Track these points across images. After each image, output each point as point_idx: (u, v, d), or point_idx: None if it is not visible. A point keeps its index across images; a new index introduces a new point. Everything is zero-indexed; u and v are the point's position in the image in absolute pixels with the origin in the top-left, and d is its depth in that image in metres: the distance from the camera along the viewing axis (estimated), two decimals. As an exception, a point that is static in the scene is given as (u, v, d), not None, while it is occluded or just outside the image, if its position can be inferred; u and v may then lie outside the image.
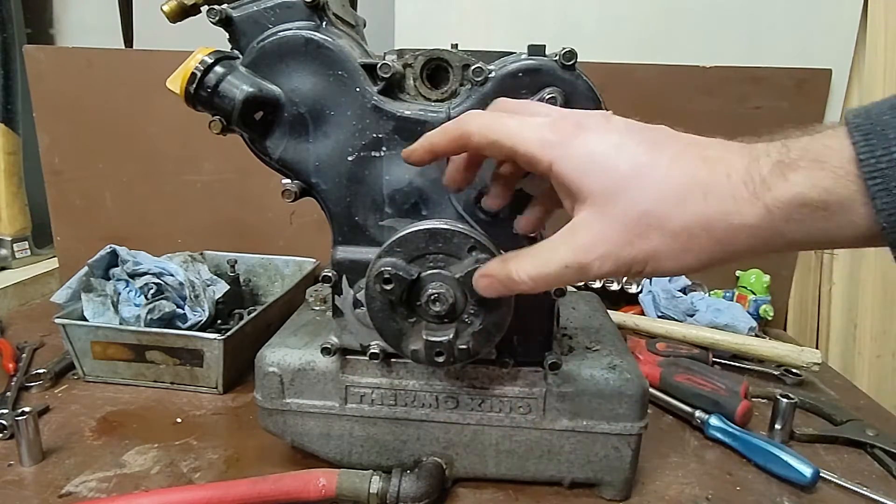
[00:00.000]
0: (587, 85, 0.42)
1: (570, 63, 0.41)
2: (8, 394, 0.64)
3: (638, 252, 0.30)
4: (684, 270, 0.31)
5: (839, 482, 0.54)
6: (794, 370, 0.75)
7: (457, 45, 0.48)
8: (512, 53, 0.46)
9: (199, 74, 0.43)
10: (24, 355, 0.74)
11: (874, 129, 0.24)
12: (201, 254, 0.88)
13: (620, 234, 0.30)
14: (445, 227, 0.43)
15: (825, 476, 0.54)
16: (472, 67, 0.44)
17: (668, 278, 0.92)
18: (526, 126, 0.33)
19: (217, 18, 0.44)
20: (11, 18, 1.07)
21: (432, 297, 0.43)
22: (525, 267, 0.34)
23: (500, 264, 0.37)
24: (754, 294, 0.91)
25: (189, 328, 0.71)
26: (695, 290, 0.93)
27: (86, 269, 0.74)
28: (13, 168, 1.06)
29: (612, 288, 0.97)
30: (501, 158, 0.36)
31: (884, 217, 0.24)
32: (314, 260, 0.93)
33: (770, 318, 0.90)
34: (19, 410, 0.54)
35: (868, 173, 0.24)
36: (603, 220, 0.31)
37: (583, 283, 0.95)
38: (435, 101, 0.47)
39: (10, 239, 1.06)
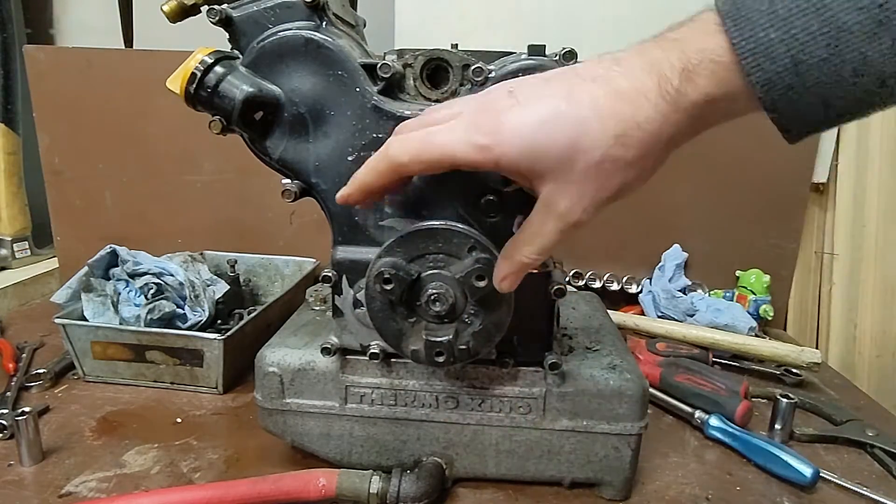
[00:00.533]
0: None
1: (570, 63, 0.41)
2: (8, 394, 0.64)
3: (611, 190, 0.34)
4: (647, 180, 0.35)
5: (839, 482, 0.54)
6: (794, 370, 0.75)
7: (457, 45, 0.48)
8: (512, 53, 0.46)
9: (199, 74, 0.43)
10: (24, 355, 0.74)
11: (740, 15, 0.28)
12: (201, 254, 0.88)
13: (591, 186, 0.33)
14: (445, 227, 0.43)
15: (825, 476, 0.54)
16: (472, 67, 0.44)
17: (668, 278, 0.92)
18: (453, 136, 0.34)
19: (217, 18, 0.44)
20: (11, 18, 1.07)
21: (432, 297, 0.43)
22: (528, 251, 0.37)
23: (508, 262, 0.38)
24: (754, 294, 0.91)
25: (189, 328, 0.71)
26: (695, 290, 0.93)
27: (86, 269, 0.74)
28: (13, 168, 1.06)
29: (612, 288, 0.97)
30: (440, 171, 0.37)
31: (762, 92, 0.28)
32: (314, 260, 0.93)
33: (770, 318, 0.90)
34: (19, 410, 0.54)
35: (741, 55, 0.28)
36: (569, 184, 0.33)
37: (583, 283, 0.96)
38: (435, 101, 0.47)
39: (10, 239, 1.06)
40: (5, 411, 0.60)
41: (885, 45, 0.26)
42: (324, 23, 0.45)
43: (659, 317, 0.89)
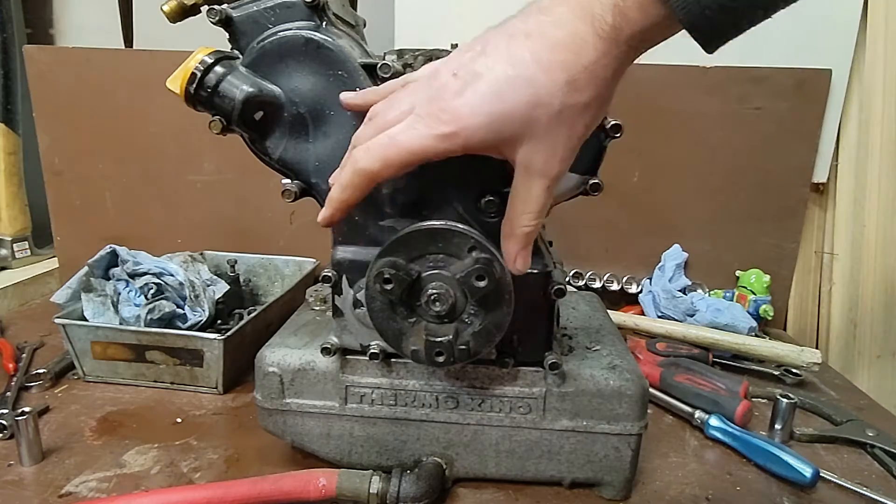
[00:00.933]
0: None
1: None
2: (8, 394, 0.64)
3: (578, 133, 0.35)
4: (606, 110, 0.37)
5: (839, 482, 0.54)
6: (794, 370, 0.75)
7: (457, 45, 0.47)
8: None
9: (199, 74, 0.43)
10: (24, 355, 0.74)
11: None
12: (201, 254, 0.88)
13: (560, 136, 0.35)
14: (445, 227, 0.43)
15: (825, 476, 0.54)
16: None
17: (668, 278, 0.92)
18: (417, 133, 0.35)
19: (217, 18, 0.44)
20: (11, 18, 1.07)
21: (432, 297, 0.43)
22: (525, 219, 0.38)
23: (512, 239, 0.39)
24: (754, 294, 0.91)
25: (189, 328, 0.71)
26: (695, 290, 0.93)
27: (86, 269, 0.74)
28: (13, 168, 1.06)
29: (612, 288, 0.97)
30: (412, 169, 0.37)
31: (681, 13, 0.30)
32: (314, 260, 0.93)
33: (770, 318, 0.90)
34: (19, 410, 0.54)
35: None
36: (539, 141, 0.35)
37: (583, 283, 0.96)
38: (435, 101, 0.47)
39: (10, 239, 1.06)
40: (5, 411, 0.60)
41: None
42: (324, 23, 0.45)
43: (659, 317, 0.89)
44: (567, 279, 0.50)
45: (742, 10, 0.31)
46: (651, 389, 0.66)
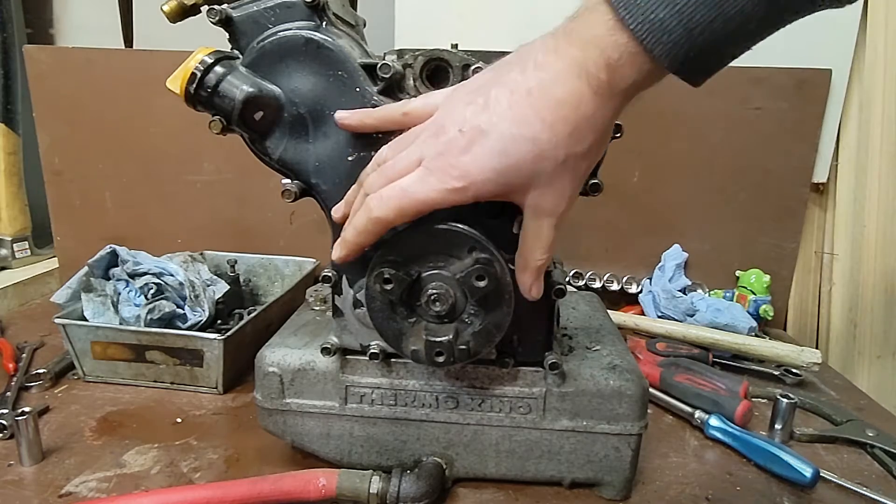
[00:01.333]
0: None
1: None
2: (8, 394, 0.64)
3: (582, 175, 0.38)
4: (605, 148, 0.40)
5: (839, 482, 0.54)
6: (794, 370, 0.75)
7: (457, 45, 0.47)
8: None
9: (199, 74, 0.43)
10: (24, 355, 0.74)
11: (630, 2, 0.32)
12: (201, 254, 0.88)
13: (565, 181, 0.37)
14: (445, 227, 0.43)
15: (825, 476, 0.54)
16: (472, 67, 0.44)
17: (668, 278, 0.92)
18: (428, 186, 0.37)
19: (217, 18, 0.44)
20: (11, 18, 1.07)
21: (432, 297, 0.43)
22: (538, 255, 0.40)
23: (527, 272, 0.41)
24: (754, 294, 0.91)
25: (189, 328, 0.71)
26: (695, 290, 0.93)
27: (86, 269, 0.74)
28: (13, 168, 1.06)
29: (612, 288, 0.97)
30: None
31: (667, 62, 0.32)
32: (314, 260, 0.93)
33: (770, 318, 0.90)
34: (19, 410, 0.54)
35: (645, 41, 0.32)
36: (546, 187, 0.37)
37: (583, 283, 0.96)
38: (435, 101, 0.47)
39: (10, 239, 1.06)
40: (5, 411, 0.60)
41: None
42: (324, 23, 0.45)
43: (659, 317, 0.89)
44: (567, 279, 0.50)
45: (723, 48, 0.32)
46: (651, 389, 0.66)
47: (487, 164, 0.36)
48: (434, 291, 0.43)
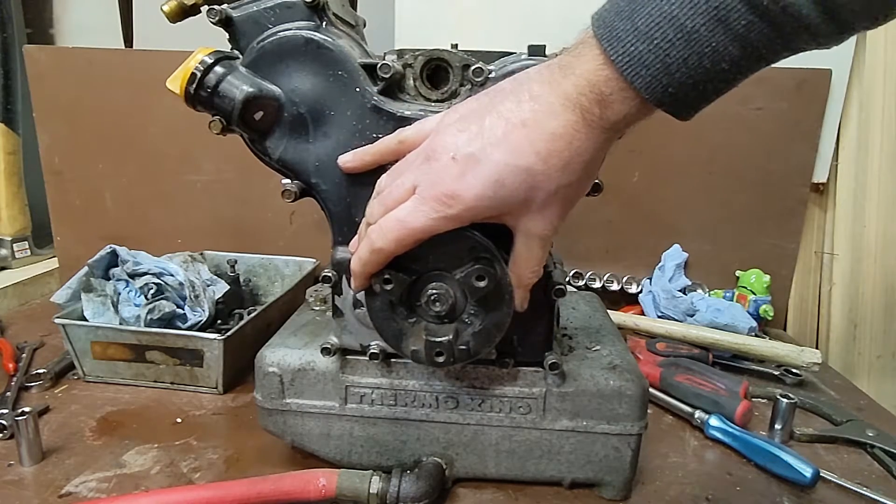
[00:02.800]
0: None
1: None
2: (8, 394, 0.64)
3: (571, 203, 0.39)
4: (595, 178, 0.42)
5: (839, 482, 0.54)
6: (794, 370, 0.75)
7: (457, 45, 0.48)
8: (512, 53, 0.46)
9: (199, 74, 0.43)
10: (24, 355, 0.74)
11: (612, 36, 0.33)
12: (201, 254, 0.88)
13: (555, 209, 0.39)
14: (445, 227, 0.43)
15: (825, 476, 0.54)
16: (472, 67, 0.44)
17: (668, 278, 0.92)
18: (423, 216, 0.38)
19: (217, 18, 0.44)
20: (11, 18, 1.07)
21: (432, 297, 0.43)
22: (529, 273, 0.42)
23: (521, 290, 0.43)
24: (754, 294, 0.91)
25: (189, 328, 0.71)
26: (695, 290, 0.93)
27: (86, 269, 0.74)
28: (13, 168, 1.06)
29: (612, 288, 0.97)
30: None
31: (647, 95, 0.33)
32: (314, 260, 0.93)
33: (770, 318, 0.90)
34: (19, 410, 0.54)
35: (626, 73, 0.33)
36: (537, 213, 0.39)
37: (583, 283, 0.96)
38: (435, 101, 0.47)
39: (10, 239, 1.06)
40: (5, 411, 0.60)
41: (727, 37, 0.31)
42: (324, 23, 0.45)
43: (659, 317, 0.89)
44: (567, 279, 0.50)
45: (703, 84, 0.33)
46: (651, 389, 0.66)
47: (482, 192, 0.37)
48: (434, 291, 0.43)
